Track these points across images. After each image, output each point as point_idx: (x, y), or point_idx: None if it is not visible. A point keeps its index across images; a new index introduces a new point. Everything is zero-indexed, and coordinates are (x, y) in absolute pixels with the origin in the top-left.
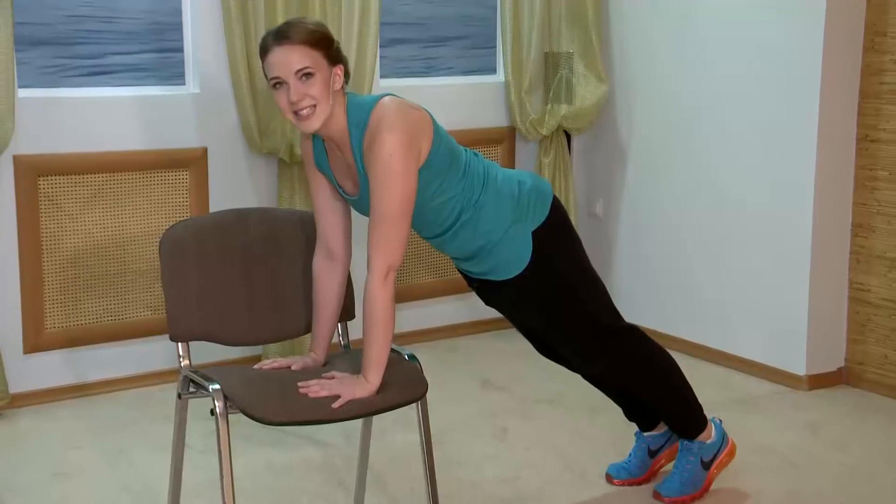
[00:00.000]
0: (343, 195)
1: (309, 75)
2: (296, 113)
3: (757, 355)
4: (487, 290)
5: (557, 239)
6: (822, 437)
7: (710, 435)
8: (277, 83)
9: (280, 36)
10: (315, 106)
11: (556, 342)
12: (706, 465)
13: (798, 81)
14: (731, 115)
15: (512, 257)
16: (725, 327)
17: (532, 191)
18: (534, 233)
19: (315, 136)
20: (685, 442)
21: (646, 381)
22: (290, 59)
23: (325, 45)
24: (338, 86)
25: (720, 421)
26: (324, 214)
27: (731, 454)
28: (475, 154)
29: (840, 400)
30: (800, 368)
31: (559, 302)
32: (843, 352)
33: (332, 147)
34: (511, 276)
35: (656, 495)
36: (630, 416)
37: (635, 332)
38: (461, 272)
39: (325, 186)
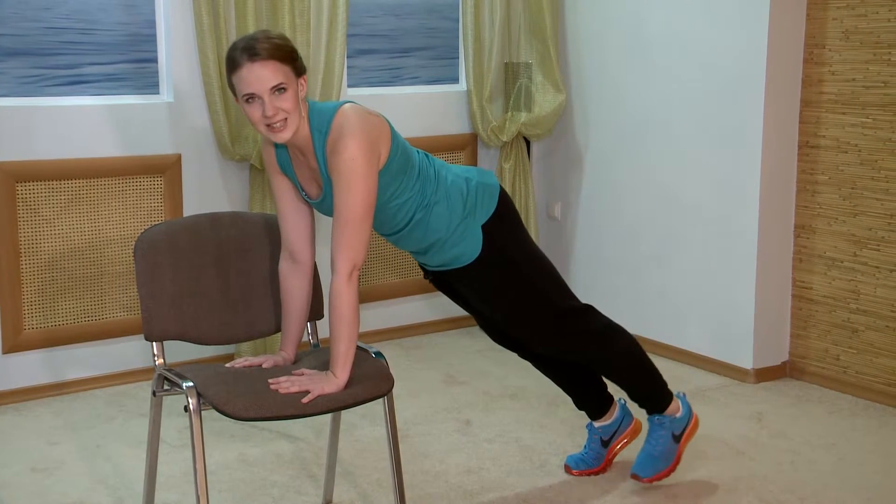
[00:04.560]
0: (306, 199)
1: (282, 90)
2: (269, 126)
3: (706, 350)
4: (442, 280)
5: (505, 230)
6: (767, 427)
7: (678, 409)
8: (250, 98)
9: (251, 52)
10: (287, 118)
11: (513, 327)
12: (677, 439)
13: (743, 91)
14: (681, 123)
15: (464, 250)
16: (676, 324)
17: (479, 186)
18: (483, 226)
19: (278, 143)
20: (656, 417)
21: (605, 359)
22: (263, 75)
23: (291, 58)
24: (303, 95)
25: (684, 394)
26: (288, 218)
27: (696, 427)
28: (427, 155)
29: (784, 392)
30: (746, 362)
31: (511, 288)
32: (787, 346)
33: (296, 152)
34: (463, 266)
35: (634, 477)
36: (580, 405)
37: (590, 312)
38: (419, 265)
39: (289, 191)
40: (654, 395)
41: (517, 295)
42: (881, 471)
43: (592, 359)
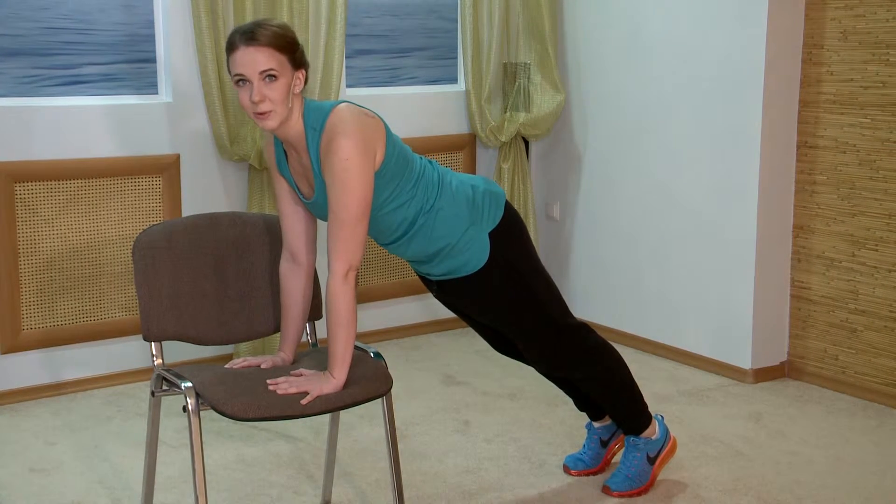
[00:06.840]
0: (301, 198)
1: (272, 77)
2: (256, 112)
3: (705, 350)
4: (446, 290)
5: (512, 240)
6: (766, 427)
7: (654, 431)
8: (241, 80)
9: (249, 36)
10: (273, 109)
11: (510, 337)
12: (651, 461)
13: (742, 91)
14: (679, 123)
15: (471, 258)
16: (675, 324)
17: (486, 194)
18: (490, 234)
19: (276, 141)
20: (632, 438)
21: (593, 377)
22: (255, 59)
23: (290, 48)
24: (298, 89)
25: (662, 417)
26: (288, 219)
27: (673, 450)
28: (430, 161)
29: (783, 392)
30: (745, 362)
31: (514, 299)
32: (786, 346)
33: (291, 150)
34: (468, 275)
35: (605, 489)
36: (580, 406)
37: (584, 330)
38: (420, 276)
39: (289, 192)
40: (633, 417)
41: (518, 305)
42: (879, 471)
43: (580, 376)
